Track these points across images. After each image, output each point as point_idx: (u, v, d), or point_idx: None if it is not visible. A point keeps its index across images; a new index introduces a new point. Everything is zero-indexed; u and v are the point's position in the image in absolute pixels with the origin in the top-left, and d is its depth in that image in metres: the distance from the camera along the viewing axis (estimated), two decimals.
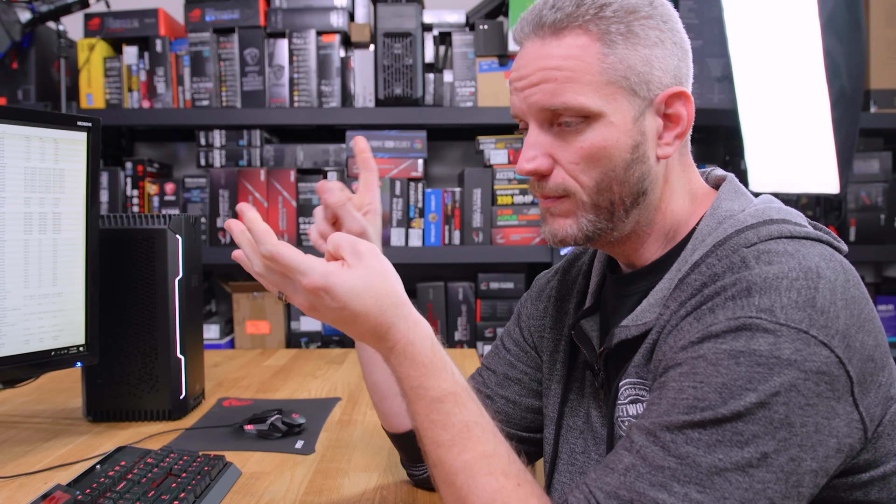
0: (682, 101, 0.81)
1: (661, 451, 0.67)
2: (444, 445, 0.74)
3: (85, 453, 1.18)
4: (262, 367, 1.84)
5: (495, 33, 2.27)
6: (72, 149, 1.19)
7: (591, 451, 0.89)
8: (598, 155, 0.79)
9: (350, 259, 0.75)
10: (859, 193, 2.33)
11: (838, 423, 0.66)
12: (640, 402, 0.80)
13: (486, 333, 2.32)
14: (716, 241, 0.77)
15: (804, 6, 1.78)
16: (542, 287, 1.05)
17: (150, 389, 1.34)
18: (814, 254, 0.72)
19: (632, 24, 0.78)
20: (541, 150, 0.81)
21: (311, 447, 1.21)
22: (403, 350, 0.76)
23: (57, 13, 2.12)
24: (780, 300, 0.67)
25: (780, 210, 0.80)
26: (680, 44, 0.82)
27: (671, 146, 0.81)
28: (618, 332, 0.83)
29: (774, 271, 0.69)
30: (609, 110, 0.78)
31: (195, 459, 1.03)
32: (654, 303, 0.80)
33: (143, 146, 2.63)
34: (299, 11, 2.29)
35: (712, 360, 0.67)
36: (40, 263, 1.16)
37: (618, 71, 0.77)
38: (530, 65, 0.80)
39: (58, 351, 1.20)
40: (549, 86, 0.78)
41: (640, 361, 0.80)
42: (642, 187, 0.81)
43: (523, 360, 1.03)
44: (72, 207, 1.20)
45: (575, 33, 0.78)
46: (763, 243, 0.73)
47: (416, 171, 2.28)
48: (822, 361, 0.65)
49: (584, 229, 0.82)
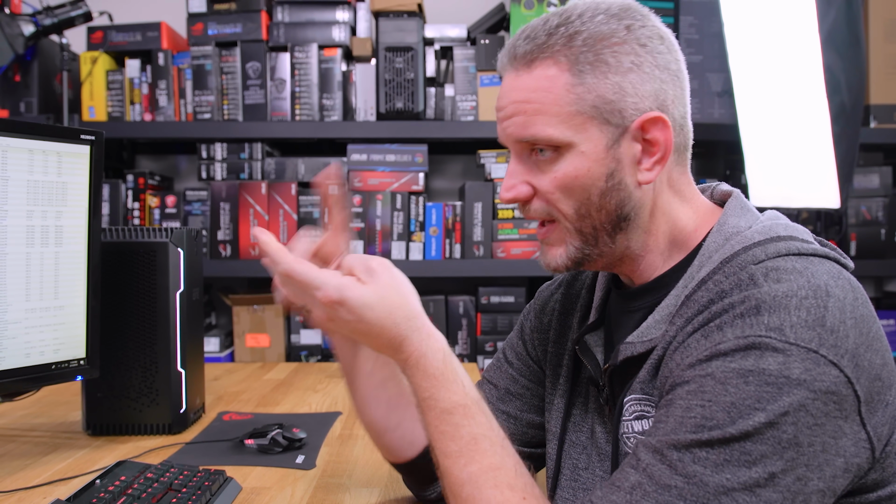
0: (659, 126, 0.79)
1: (667, 470, 0.66)
2: (452, 456, 0.76)
3: (84, 467, 1.17)
4: (263, 381, 1.84)
5: (496, 48, 2.28)
6: (75, 162, 1.19)
7: (595, 468, 0.89)
8: (572, 185, 0.79)
9: (363, 276, 0.79)
10: (860, 208, 2.33)
11: (846, 443, 0.66)
12: (645, 419, 0.80)
13: (487, 347, 2.32)
14: (723, 258, 0.77)
15: (804, 21, 1.79)
16: (546, 300, 1.05)
17: (150, 403, 1.33)
18: (822, 271, 0.72)
19: (601, 52, 0.77)
20: (518, 178, 0.83)
21: (312, 462, 1.20)
22: (416, 362, 0.79)
23: (60, 26, 2.14)
24: (789, 319, 0.67)
25: (787, 227, 0.79)
26: (664, 66, 0.80)
27: (652, 171, 0.80)
28: (623, 348, 0.83)
29: (784, 289, 0.69)
30: (579, 140, 0.78)
31: (195, 474, 1.02)
32: (659, 319, 0.80)
33: (144, 159, 2.64)
34: (301, 25, 2.31)
35: (721, 379, 0.67)
36: (42, 277, 1.16)
37: (586, 101, 0.77)
38: (505, 97, 0.82)
39: (58, 364, 1.20)
40: (521, 118, 0.80)
41: (645, 377, 0.80)
42: (622, 213, 0.81)
43: (526, 374, 1.03)
44: (74, 221, 1.20)
45: (545, 64, 0.78)
46: (771, 260, 0.73)
47: (417, 185, 2.29)
48: (830, 381, 0.65)
49: (573, 256, 0.83)
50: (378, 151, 2.29)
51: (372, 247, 2.25)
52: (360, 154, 2.30)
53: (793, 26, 1.85)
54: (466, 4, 2.51)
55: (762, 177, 2.16)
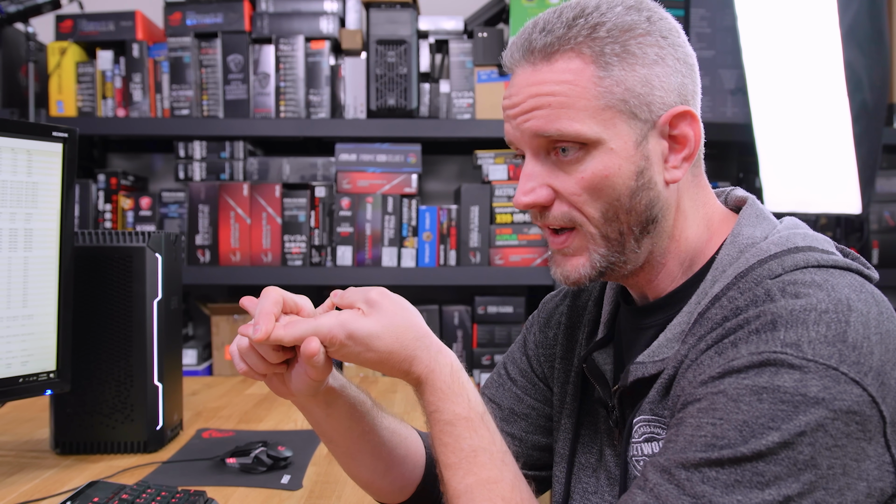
0: (688, 120, 0.80)
1: (675, 490, 0.67)
2: (451, 468, 0.80)
3: (53, 489, 1.17)
4: (244, 396, 1.84)
5: (495, 41, 2.30)
6: (46, 161, 1.19)
7: (605, 493, 0.90)
8: (601, 185, 0.79)
9: (364, 308, 0.82)
10: (882, 214, 2.35)
11: (869, 466, 0.66)
12: (654, 441, 0.80)
13: (483, 361, 2.32)
14: (737, 273, 0.77)
15: (824, 15, 1.80)
16: (551, 313, 1.05)
17: (124, 419, 1.34)
18: (844, 284, 0.72)
19: (627, 43, 0.78)
20: (538, 181, 0.82)
21: (299, 482, 1.21)
22: (426, 378, 0.82)
23: (26, 14, 2.13)
24: (807, 334, 0.67)
25: (806, 236, 0.80)
26: (683, 59, 0.82)
27: (679, 169, 0.81)
28: (633, 369, 0.83)
29: (802, 304, 0.69)
30: (608, 136, 0.78)
31: (174, 495, 1.03)
32: (671, 337, 0.81)
33: (117, 157, 2.64)
34: (287, 16, 2.31)
35: (733, 396, 0.67)
36: (9, 283, 1.16)
37: (615, 94, 0.78)
38: (522, 92, 0.81)
39: (26, 378, 1.20)
40: (543, 112, 0.79)
41: (655, 398, 0.80)
42: (651, 214, 0.81)
43: (531, 392, 1.04)
44: (45, 224, 1.20)
45: (567, 56, 0.78)
46: (788, 274, 0.74)
47: (409, 187, 2.30)
48: (852, 400, 0.65)
49: (597, 265, 0.83)
50: (368, 151, 2.30)
51: (361, 252, 2.26)
52: (350, 154, 2.30)
53: (812, 20, 1.86)
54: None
55: (778, 180, 2.18)
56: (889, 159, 2.40)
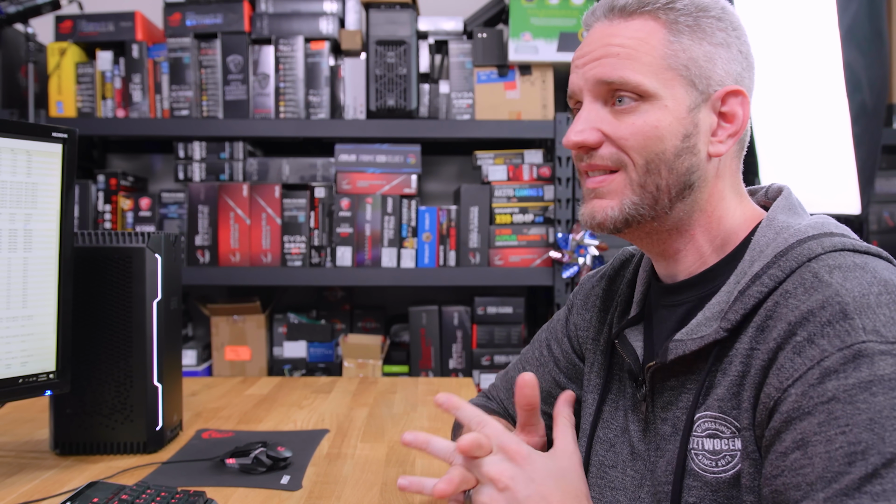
0: (740, 99, 0.86)
1: None
2: None
3: (53, 489, 1.17)
4: (244, 397, 1.84)
5: (494, 42, 2.30)
6: (46, 162, 1.19)
7: (627, 466, 0.92)
8: (650, 134, 0.84)
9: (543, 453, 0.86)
10: (881, 214, 2.35)
11: None
12: (717, 438, 0.80)
13: (483, 361, 2.32)
14: (777, 252, 0.80)
15: (823, 15, 1.81)
16: (588, 293, 1.10)
17: (124, 420, 1.34)
18: (881, 267, 0.75)
19: (700, 19, 0.85)
20: (590, 123, 0.87)
21: (298, 483, 1.21)
22: None
23: (26, 14, 2.13)
24: (878, 318, 0.70)
25: (838, 225, 0.84)
26: (746, 54, 0.88)
27: (724, 144, 0.86)
28: (672, 346, 0.84)
29: (856, 288, 0.72)
30: (665, 94, 0.84)
31: (174, 496, 1.03)
32: (710, 316, 0.83)
33: (116, 158, 2.64)
34: (286, 17, 2.32)
35: (846, 399, 0.68)
36: (9, 284, 1.17)
37: (679, 59, 0.84)
38: (594, 42, 0.87)
39: (26, 378, 1.20)
40: (610, 60, 0.85)
41: (724, 395, 0.80)
42: (690, 180, 0.85)
43: (570, 373, 1.09)
44: (44, 224, 1.20)
45: (644, 18, 0.86)
46: (828, 255, 0.77)
47: (409, 188, 2.30)
48: None
49: (626, 211, 0.86)
50: (368, 152, 2.30)
51: (361, 253, 2.26)
52: (349, 154, 2.31)
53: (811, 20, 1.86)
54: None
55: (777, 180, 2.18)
56: (888, 160, 2.40)
